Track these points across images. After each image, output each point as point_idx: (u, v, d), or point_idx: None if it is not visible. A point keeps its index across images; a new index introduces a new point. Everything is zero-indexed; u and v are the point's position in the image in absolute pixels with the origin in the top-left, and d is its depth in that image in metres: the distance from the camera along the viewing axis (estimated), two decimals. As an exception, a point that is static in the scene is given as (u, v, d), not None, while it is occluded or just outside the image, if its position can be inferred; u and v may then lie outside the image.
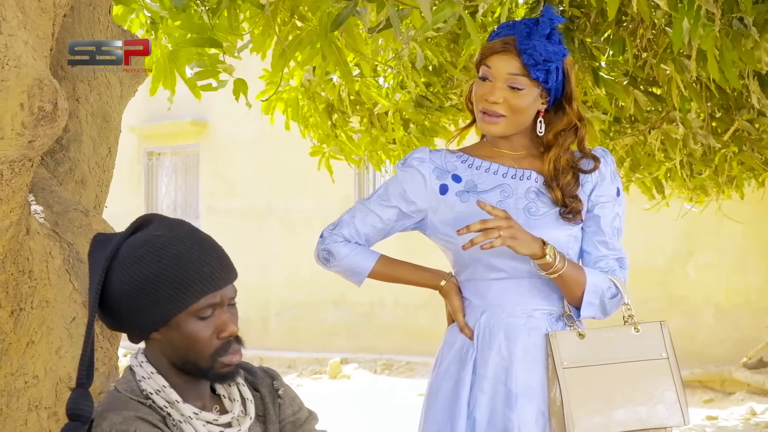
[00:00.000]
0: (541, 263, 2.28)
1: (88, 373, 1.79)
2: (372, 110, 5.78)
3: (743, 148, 5.58)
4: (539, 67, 2.32)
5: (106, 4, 2.92)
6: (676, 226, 10.11)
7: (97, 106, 2.84)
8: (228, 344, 1.84)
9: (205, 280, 1.81)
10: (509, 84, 2.34)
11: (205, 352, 1.82)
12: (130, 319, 1.82)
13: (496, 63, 2.36)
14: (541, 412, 2.29)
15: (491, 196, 2.39)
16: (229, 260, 1.87)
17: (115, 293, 1.81)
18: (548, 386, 2.30)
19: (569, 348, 2.29)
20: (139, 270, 1.79)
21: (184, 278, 1.79)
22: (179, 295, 1.79)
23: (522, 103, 2.35)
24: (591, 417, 2.24)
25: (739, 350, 10.33)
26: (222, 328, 1.83)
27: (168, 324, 1.81)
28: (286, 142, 11.71)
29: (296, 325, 13.02)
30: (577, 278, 2.32)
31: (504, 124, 2.37)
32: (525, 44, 2.32)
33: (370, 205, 2.46)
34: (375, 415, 9.15)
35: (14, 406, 2.29)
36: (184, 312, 1.80)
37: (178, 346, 1.82)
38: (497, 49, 2.36)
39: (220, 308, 1.83)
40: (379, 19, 3.57)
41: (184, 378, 1.86)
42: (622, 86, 4.69)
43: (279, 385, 2.02)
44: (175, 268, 1.79)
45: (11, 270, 2.16)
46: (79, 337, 2.43)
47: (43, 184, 2.60)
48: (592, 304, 2.35)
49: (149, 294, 1.78)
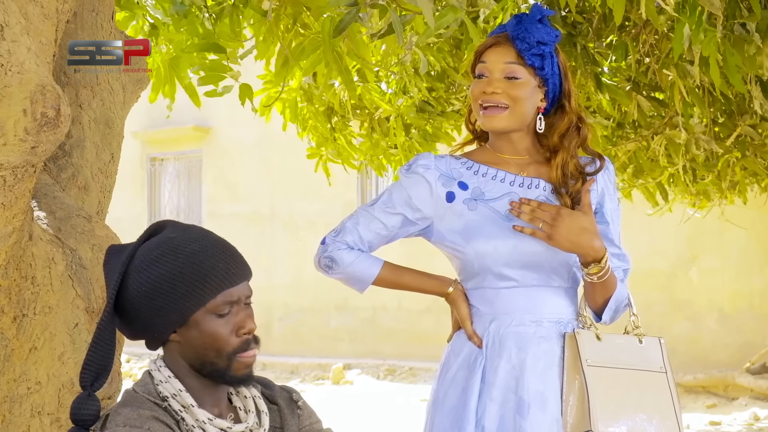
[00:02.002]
0: (597, 268, 2.29)
1: (96, 378, 1.81)
2: (373, 115, 5.77)
3: (746, 153, 5.58)
4: (533, 51, 2.33)
5: (108, 10, 2.93)
6: (679, 231, 10.11)
7: (100, 111, 2.84)
8: (247, 343, 1.86)
9: (222, 276, 1.83)
10: (506, 75, 2.34)
11: (224, 350, 1.83)
12: (149, 321, 1.83)
13: (490, 56, 2.37)
14: (555, 419, 2.28)
15: (500, 205, 2.38)
16: (243, 259, 1.90)
17: (133, 297, 1.83)
18: (566, 389, 2.29)
19: (591, 347, 2.30)
20: (155, 270, 1.82)
21: (200, 274, 1.82)
22: (197, 292, 1.81)
23: (521, 93, 2.34)
24: (610, 416, 2.25)
25: (742, 355, 10.32)
26: (241, 325, 1.85)
27: (187, 324, 1.83)
28: (288, 147, 11.73)
29: (299, 330, 13.01)
30: (614, 283, 2.35)
31: (506, 116, 2.35)
32: (517, 30, 2.34)
33: (374, 211, 2.43)
34: (378, 421, 9.14)
35: (17, 412, 2.29)
36: (202, 309, 1.82)
37: (197, 345, 1.84)
38: (489, 43, 2.39)
39: (237, 306, 1.86)
40: (381, 25, 3.57)
41: (202, 382, 1.87)
42: (624, 91, 4.70)
43: (298, 397, 2.05)
44: (191, 265, 1.82)
45: (14, 276, 2.16)
46: (81, 343, 2.43)
47: (45, 190, 2.60)
48: (611, 310, 2.37)
49: (167, 293, 1.81)
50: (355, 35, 3.42)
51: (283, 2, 3.56)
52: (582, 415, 2.25)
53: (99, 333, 1.82)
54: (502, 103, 2.35)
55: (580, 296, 2.43)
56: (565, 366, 2.31)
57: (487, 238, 2.34)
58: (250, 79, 4.58)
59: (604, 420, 2.24)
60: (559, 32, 2.40)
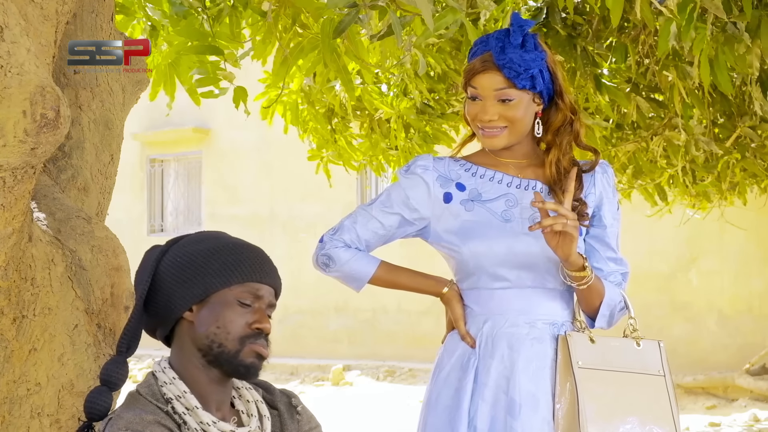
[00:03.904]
0: (578, 275, 2.29)
1: (130, 345, 1.90)
2: (373, 116, 5.78)
3: (746, 154, 5.58)
4: (522, 76, 2.32)
5: (108, 12, 2.93)
6: (678, 233, 10.11)
7: (100, 113, 2.84)
8: (258, 335, 1.89)
9: (254, 268, 1.91)
10: (499, 98, 2.34)
11: (235, 333, 1.87)
12: (171, 292, 1.88)
13: (480, 82, 2.35)
14: (546, 420, 2.29)
15: (496, 206, 2.39)
16: (278, 271, 1.98)
17: (164, 267, 1.90)
18: (558, 391, 2.29)
19: (583, 350, 2.31)
20: (194, 247, 1.92)
21: (236, 259, 1.90)
22: (226, 272, 1.88)
23: (517, 113, 2.35)
24: (601, 419, 2.25)
25: (741, 356, 10.33)
26: (257, 320, 1.89)
27: (207, 301, 1.87)
28: (288, 149, 11.73)
29: (299, 331, 13.01)
30: (600, 290, 2.35)
31: (505, 135, 2.37)
32: (501, 59, 2.32)
33: (372, 211, 2.44)
34: (377, 422, 9.14)
35: (16, 413, 2.29)
36: (226, 290, 1.87)
37: (210, 324, 1.86)
38: (478, 69, 2.36)
39: (259, 303, 1.90)
40: (381, 27, 3.57)
41: (208, 377, 1.88)
42: (624, 93, 4.70)
43: (297, 402, 2.06)
44: (229, 249, 1.91)
45: (14, 277, 2.16)
46: (81, 345, 2.43)
47: (45, 192, 2.60)
48: (604, 316, 2.38)
49: (199, 266, 1.88)
50: (355, 36, 3.42)
51: (282, 2, 3.56)
52: (573, 417, 2.26)
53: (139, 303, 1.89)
54: (500, 126, 2.36)
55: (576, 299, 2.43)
56: (558, 368, 2.31)
57: (483, 238, 2.35)
58: (250, 81, 4.58)
59: (594, 423, 2.24)
60: (544, 55, 2.37)
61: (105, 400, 1.86)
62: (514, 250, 2.34)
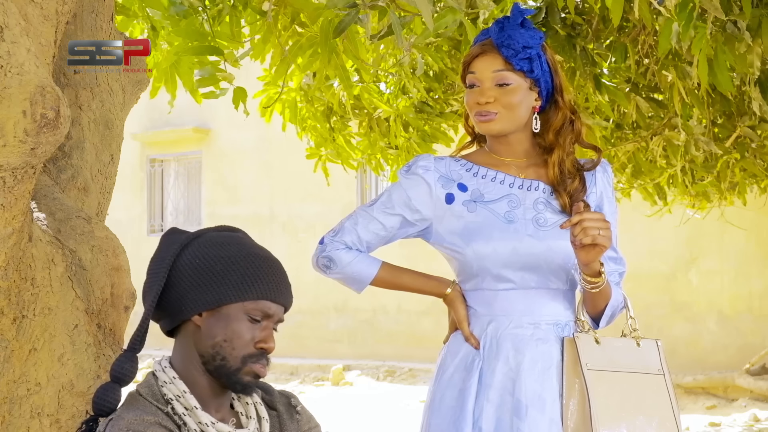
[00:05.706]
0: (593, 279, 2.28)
1: (141, 340, 1.88)
2: (372, 114, 5.78)
3: (745, 154, 5.58)
4: (520, 56, 2.33)
5: (108, 12, 2.93)
6: (678, 233, 10.11)
7: (100, 113, 2.84)
8: (261, 355, 1.89)
9: (271, 287, 1.89)
10: (497, 82, 2.35)
11: (239, 351, 1.86)
12: (184, 293, 1.87)
13: (478, 66, 2.37)
14: (554, 421, 2.28)
15: (499, 206, 2.38)
16: (290, 287, 1.97)
17: (182, 265, 1.88)
18: (565, 392, 2.29)
19: (590, 351, 2.30)
20: (217, 251, 1.89)
21: (255, 274, 1.88)
22: (244, 286, 1.87)
23: (513, 99, 2.35)
24: (610, 420, 2.25)
25: (742, 356, 10.33)
26: (263, 339, 1.88)
27: (217, 311, 1.86)
28: (288, 149, 11.73)
29: (299, 331, 13.01)
30: (607, 293, 2.35)
31: (501, 119, 2.36)
32: (500, 37, 2.34)
33: (373, 212, 2.43)
34: (377, 422, 9.14)
35: (16, 413, 2.29)
36: (239, 304, 1.86)
37: (217, 335, 1.86)
38: (476, 53, 2.38)
39: (268, 321, 1.90)
40: (380, 26, 3.57)
41: (206, 380, 1.88)
42: (623, 93, 4.70)
43: (296, 402, 2.06)
44: (252, 263, 1.89)
45: (14, 277, 2.16)
46: (81, 344, 2.43)
47: (45, 192, 2.60)
48: (607, 316, 2.38)
49: (217, 274, 1.86)
50: (354, 36, 3.42)
51: (281, 2, 3.56)
52: (583, 419, 2.26)
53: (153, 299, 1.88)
54: (495, 111, 2.36)
55: (578, 300, 2.43)
56: (565, 370, 2.31)
57: (487, 239, 2.35)
58: (250, 81, 4.58)
59: (605, 424, 2.24)
60: (542, 34, 2.40)
61: (114, 397, 1.86)
62: (518, 252, 2.33)
